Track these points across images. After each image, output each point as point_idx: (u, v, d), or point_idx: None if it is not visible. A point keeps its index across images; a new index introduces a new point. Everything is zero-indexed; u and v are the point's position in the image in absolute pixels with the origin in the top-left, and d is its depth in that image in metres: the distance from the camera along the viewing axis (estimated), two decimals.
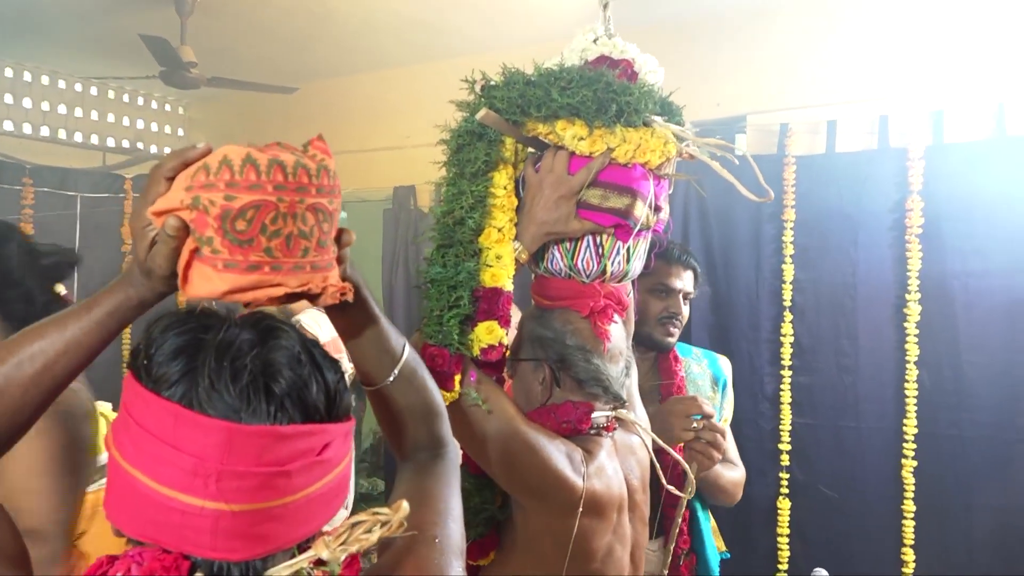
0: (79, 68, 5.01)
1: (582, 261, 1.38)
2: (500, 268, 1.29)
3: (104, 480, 2.51)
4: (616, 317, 1.40)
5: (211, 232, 0.66)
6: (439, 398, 0.98)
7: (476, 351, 1.26)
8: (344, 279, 0.76)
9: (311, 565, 0.67)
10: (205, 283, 0.67)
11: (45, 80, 4.99)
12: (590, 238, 1.37)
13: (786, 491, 3.27)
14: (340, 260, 0.75)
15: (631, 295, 1.49)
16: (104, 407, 3.55)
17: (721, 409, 1.96)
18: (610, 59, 1.41)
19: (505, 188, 1.33)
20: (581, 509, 1.25)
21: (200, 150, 0.71)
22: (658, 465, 1.47)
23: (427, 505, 0.86)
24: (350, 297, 0.73)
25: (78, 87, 5.15)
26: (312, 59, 4.75)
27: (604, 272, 1.39)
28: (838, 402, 3.25)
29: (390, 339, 0.89)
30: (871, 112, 3.36)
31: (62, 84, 5.07)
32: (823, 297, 3.35)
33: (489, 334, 1.26)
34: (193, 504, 0.60)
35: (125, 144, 5.44)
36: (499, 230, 1.31)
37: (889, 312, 3.15)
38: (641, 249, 1.43)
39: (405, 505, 0.69)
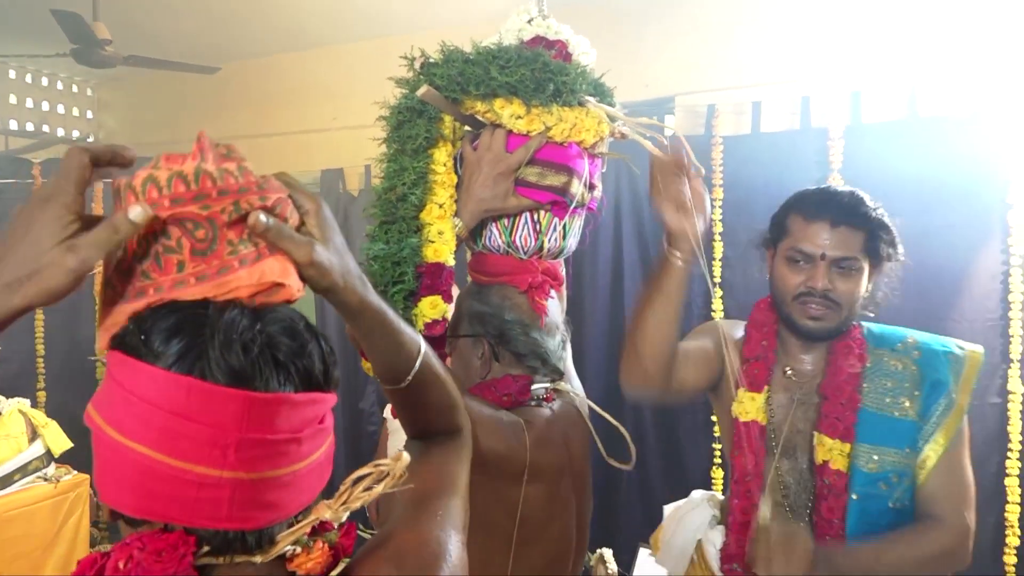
0: None
1: (520, 237, 1.40)
2: (442, 244, 1.30)
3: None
4: (552, 292, 1.44)
5: (109, 273, 0.65)
6: (455, 390, 0.97)
7: (420, 326, 1.27)
8: (316, 276, 0.70)
9: (309, 535, 0.68)
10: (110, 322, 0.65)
11: None
12: (528, 215, 1.39)
13: (719, 461, 3.38)
14: (301, 261, 0.68)
15: (564, 271, 1.53)
16: (22, 403, 3.42)
17: (923, 424, 1.42)
18: (545, 40, 1.43)
19: (445, 165, 1.34)
20: (526, 477, 1.28)
21: (131, 154, 0.66)
22: (596, 436, 1.51)
23: (433, 477, 0.87)
24: (294, 295, 0.68)
25: None
26: (234, 37, 4.61)
27: (541, 248, 1.42)
28: None
29: (404, 343, 0.86)
30: (794, 93, 3.47)
31: None
32: (752, 274, 3.44)
33: (433, 309, 1.28)
34: (210, 475, 0.59)
35: (30, 127, 5.19)
36: (440, 206, 1.32)
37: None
38: (576, 226, 1.46)
39: (405, 455, 0.71)
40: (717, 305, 3.48)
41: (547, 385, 1.41)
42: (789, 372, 1.57)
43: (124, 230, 0.60)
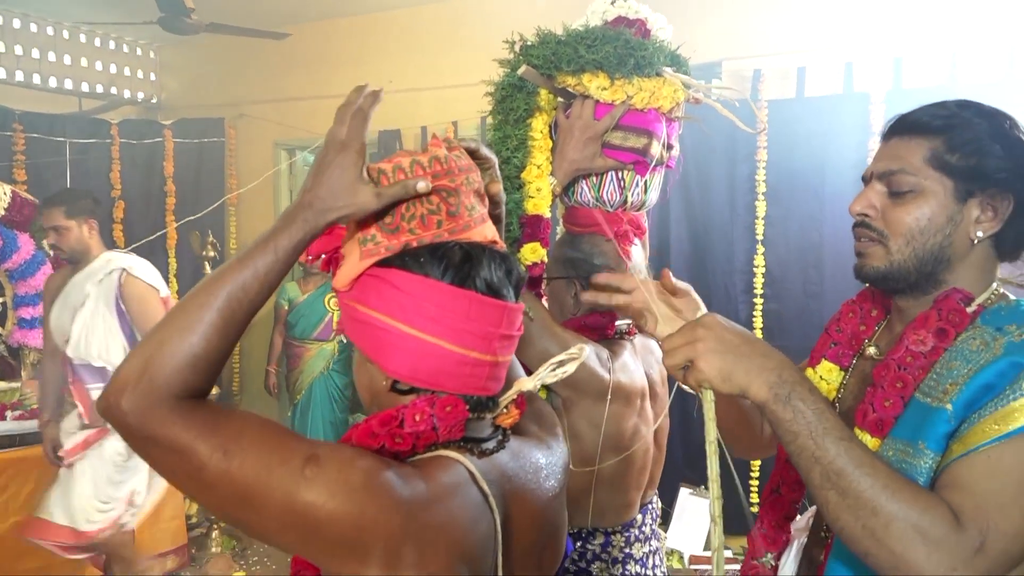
0: (61, 12, 5.00)
1: (607, 192, 1.63)
2: (540, 199, 1.54)
3: None
4: (636, 240, 1.67)
5: (373, 231, 0.90)
6: None
7: (522, 268, 1.51)
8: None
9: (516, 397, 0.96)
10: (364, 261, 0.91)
11: (16, 23, 4.96)
12: (613, 173, 1.62)
13: None
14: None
15: (647, 221, 1.75)
16: None
17: (956, 412, 0.96)
18: (626, 19, 1.63)
19: (541, 132, 1.58)
20: (610, 397, 1.53)
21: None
22: None
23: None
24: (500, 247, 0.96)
25: (50, 31, 5.11)
26: (294, 2, 4.81)
27: (625, 202, 1.65)
28: (806, 326, 3.58)
29: None
30: (837, 59, 3.62)
31: (34, 27, 5.04)
32: (792, 231, 3.65)
33: (533, 253, 1.52)
34: (480, 358, 0.87)
35: (99, 89, 5.44)
36: (538, 167, 1.55)
37: (852, 243, 3.46)
38: (656, 181, 1.68)
39: (586, 348, 0.97)
40: (759, 261, 3.69)
41: (629, 321, 1.65)
42: (872, 351, 1.21)
43: (411, 192, 0.87)
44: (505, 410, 0.94)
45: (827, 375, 1.26)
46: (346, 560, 0.75)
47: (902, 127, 1.12)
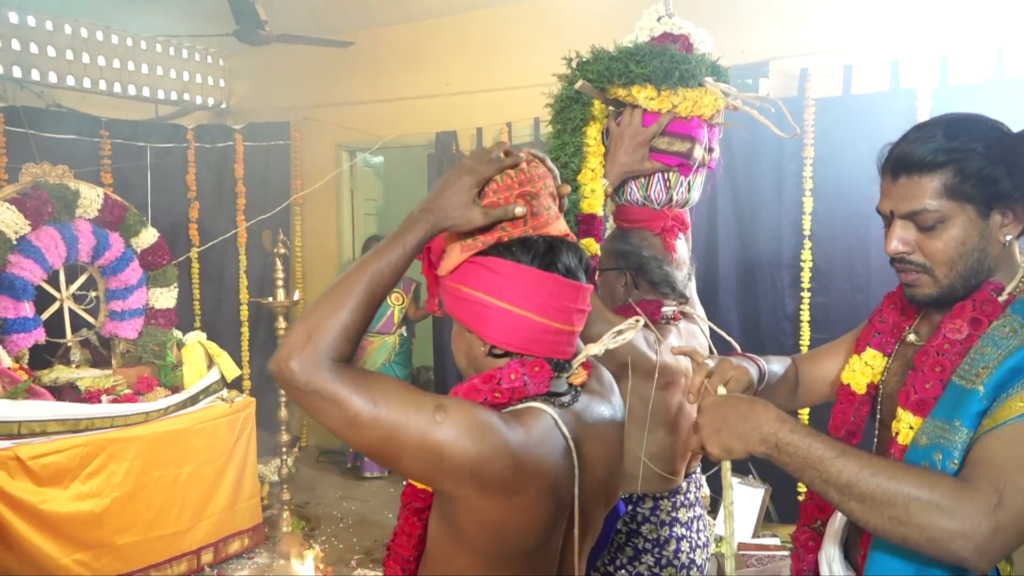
0: (142, 24, 5.32)
1: (654, 192, 1.80)
2: (594, 199, 1.72)
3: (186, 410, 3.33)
4: (681, 235, 1.83)
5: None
6: None
7: (588, 256, 1.70)
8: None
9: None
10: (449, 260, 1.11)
11: (99, 36, 5.30)
12: (660, 175, 1.79)
13: None
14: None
15: (690, 217, 1.92)
16: (200, 336, 3.99)
17: (988, 393, 1.10)
18: (671, 35, 1.81)
19: (595, 139, 1.76)
20: (657, 376, 1.70)
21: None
22: (714, 349, 1.91)
23: None
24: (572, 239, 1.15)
25: (129, 42, 5.45)
26: (355, 9, 5.03)
27: (671, 200, 1.82)
28: (852, 319, 3.65)
29: None
30: (884, 56, 3.70)
31: (115, 39, 5.38)
32: (839, 226, 3.75)
33: (588, 248, 1.69)
34: (561, 328, 1.07)
35: (173, 96, 5.77)
36: (592, 170, 1.73)
37: None
38: (699, 181, 1.85)
39: (641, 319, 1.16)
40: (806, 256, 3.79)
41: (675, 307, 1.82)
42: (912, 338, 1.36)
43: (510, 215, 1.06)
44: (576, 371, 1.13)
45: (871, 361, 1.41)
46: (466, 486, 0.96)
47: (907, 167, 1.21)
